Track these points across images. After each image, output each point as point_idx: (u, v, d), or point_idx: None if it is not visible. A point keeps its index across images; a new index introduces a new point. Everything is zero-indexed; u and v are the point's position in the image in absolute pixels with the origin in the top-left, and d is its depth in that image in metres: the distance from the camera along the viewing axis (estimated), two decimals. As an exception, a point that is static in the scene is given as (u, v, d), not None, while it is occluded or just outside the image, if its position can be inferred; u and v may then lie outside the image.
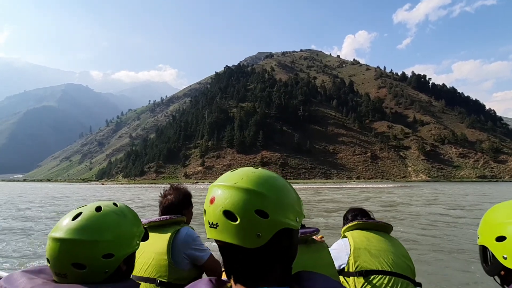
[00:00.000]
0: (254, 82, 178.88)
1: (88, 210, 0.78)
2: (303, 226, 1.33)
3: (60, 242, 0.72)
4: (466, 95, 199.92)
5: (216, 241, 0.59)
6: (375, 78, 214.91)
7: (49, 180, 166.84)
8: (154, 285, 1.40)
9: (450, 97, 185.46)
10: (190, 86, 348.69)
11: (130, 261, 0.83)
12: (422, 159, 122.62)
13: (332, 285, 0.55)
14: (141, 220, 1.26)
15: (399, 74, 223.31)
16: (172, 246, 1.45)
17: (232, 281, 0.60)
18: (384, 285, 1.36)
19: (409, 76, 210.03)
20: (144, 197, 28.88)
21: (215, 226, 0.58)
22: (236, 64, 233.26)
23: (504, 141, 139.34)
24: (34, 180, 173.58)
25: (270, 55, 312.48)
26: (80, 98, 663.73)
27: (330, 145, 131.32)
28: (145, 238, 0.90)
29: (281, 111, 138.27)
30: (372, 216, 1.74)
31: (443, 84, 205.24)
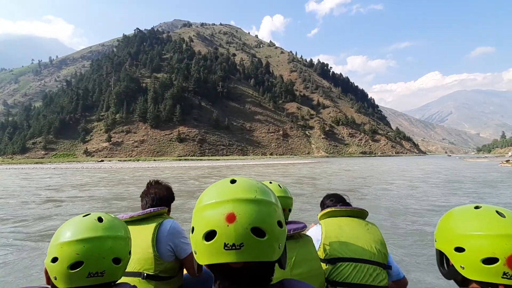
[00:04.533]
0: (170, 52, 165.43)
1: (104, 215, 0.86)
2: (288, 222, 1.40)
3: (102, 240, 0.79)
4: (355, 84, 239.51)
5: (222, 265, 0.54)
6: (288, 61, 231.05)
7: None
8: (140, 278, 1.37)
9: (344, 85, 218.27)
10: (91, 47, 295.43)
11: None
12: (322, 138, 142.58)
13: None
14: (122, 215, 1.46)
15: (307, 60, 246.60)
16: (156, 238, 1.43)
17: None
18: (350, 271, 1.42)
19: (315, 64, 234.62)
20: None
21: (238, 247, 0.51)
22: (149, 28, 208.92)
23: (379, 124, 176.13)
24: None
25: (188, 24, 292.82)
26: None
27: (247, 122, 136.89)
28: None
29: (199, 86, 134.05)
30: (348, 201, 1.76)
31: (340, 74, 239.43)
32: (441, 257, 0.81)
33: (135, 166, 43.79)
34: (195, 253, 0.57)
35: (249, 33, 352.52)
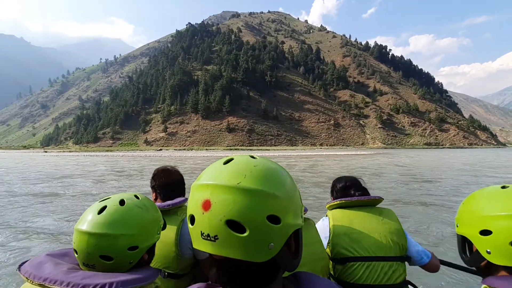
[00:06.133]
0: (219, 44, 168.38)
1: (112, 204, 0.82)
2: None
3: (88, 236, 0.77)
4: (419, 68, 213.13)
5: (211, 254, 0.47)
6: (340, 46, 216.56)
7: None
8: (160, 276, 1.29)
9: (406, 69, 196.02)
10: (148, 44, 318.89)
11: (151, 250, 0.90)
12: (379, 127, 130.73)
13: None
14: None
15: (362, 43, 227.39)
16: (180, 235, 1.34)
17: None
18: (362, 271, 1.32)
19: (371, 46, 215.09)
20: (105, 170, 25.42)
21: (212, 239, 0.44)
22: (199, 22, 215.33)
23: (448, 112, 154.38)
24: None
25: (236, 15, 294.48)
26: (13, 52, 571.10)
27: (296, 112, 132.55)
28: (163, 227, 0.94)
29: (248, 76, 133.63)
30: (363, 184, 1.55)
31: (401, 56, 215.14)
32: (464, 243, 0.76)
33: (204, 155, 44.45)
34: None
35: (298, 18, 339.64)
